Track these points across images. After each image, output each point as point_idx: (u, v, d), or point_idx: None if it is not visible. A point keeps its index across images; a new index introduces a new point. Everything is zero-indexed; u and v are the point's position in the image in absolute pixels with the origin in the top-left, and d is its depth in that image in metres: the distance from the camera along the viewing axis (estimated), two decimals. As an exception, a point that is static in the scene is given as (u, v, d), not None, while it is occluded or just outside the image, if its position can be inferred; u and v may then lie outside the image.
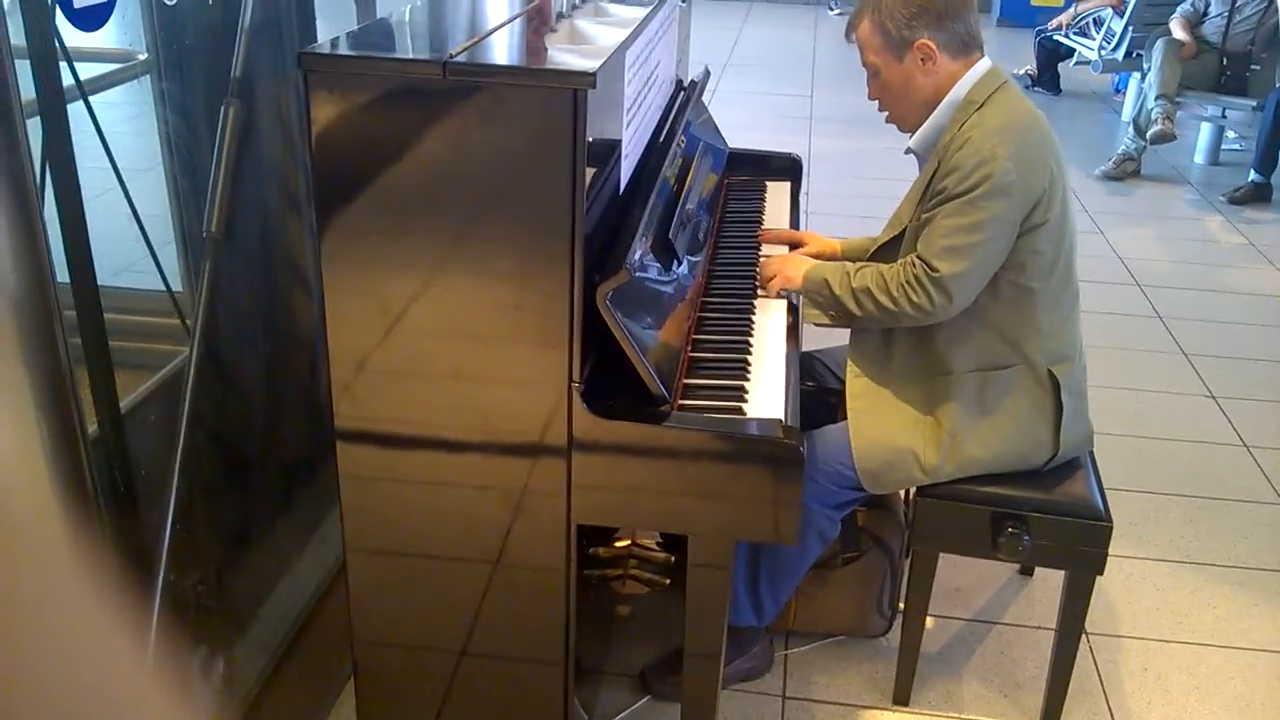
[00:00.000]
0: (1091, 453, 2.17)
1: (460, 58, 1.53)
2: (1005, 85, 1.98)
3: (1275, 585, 2.69)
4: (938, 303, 1.90)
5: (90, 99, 1.69)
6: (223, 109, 1.94)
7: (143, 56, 1.86)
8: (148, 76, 1.88)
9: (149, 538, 1.75)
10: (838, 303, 2.01)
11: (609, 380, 1.67)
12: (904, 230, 2.02)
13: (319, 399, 2.29)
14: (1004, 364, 2.01)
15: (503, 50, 1.74)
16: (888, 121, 2.11)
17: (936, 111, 2.00)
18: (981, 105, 1.94)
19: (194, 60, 1.93)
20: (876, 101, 2.08)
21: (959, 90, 1.98)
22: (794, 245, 2.40)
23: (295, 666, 2.13)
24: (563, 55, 1.69)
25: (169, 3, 1.79)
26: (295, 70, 2.16)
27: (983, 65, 2.00)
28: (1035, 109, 2.01)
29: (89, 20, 1.57)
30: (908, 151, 2.11)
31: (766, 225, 2.52)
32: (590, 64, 1.52)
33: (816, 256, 2.36)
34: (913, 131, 2.05)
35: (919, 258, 1.92)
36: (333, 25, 2.37)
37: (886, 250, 2.06)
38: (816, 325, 2.07)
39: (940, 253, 1.89)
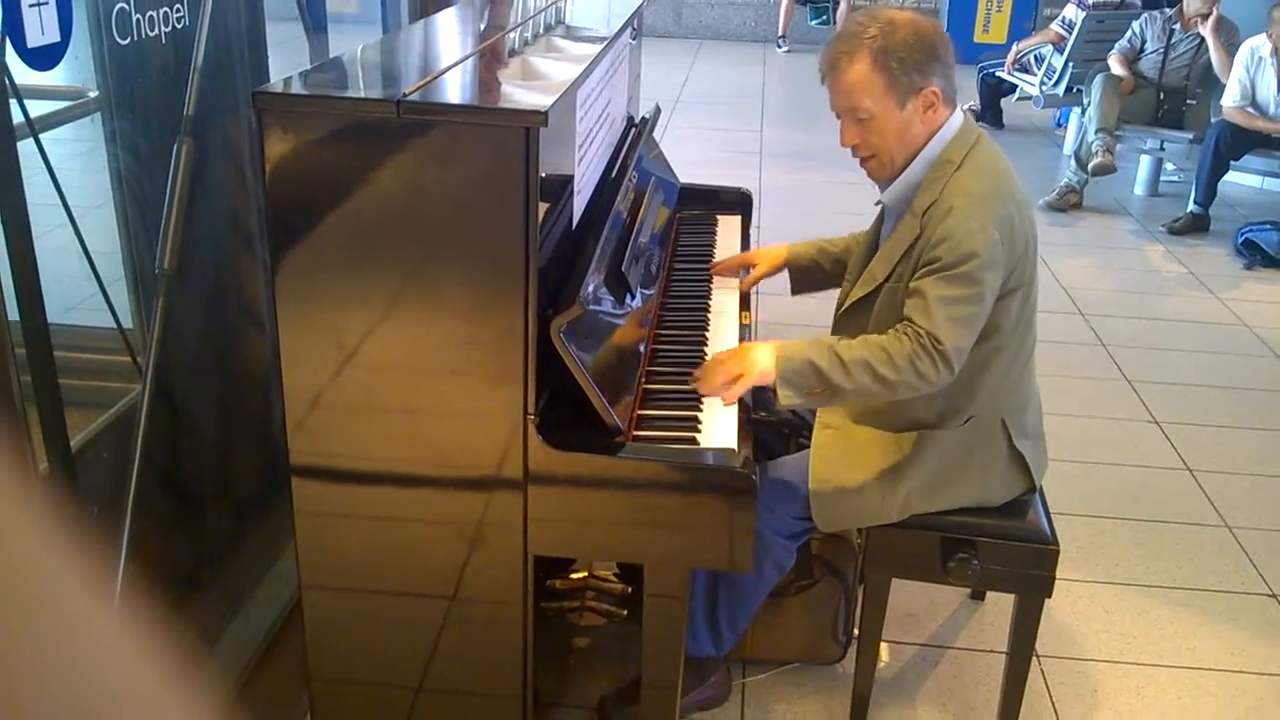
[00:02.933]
0: (1038, 479, 2.22)
1: (413, 96, 1.55)
2: (979, 142, 1.97)
3: (1219, 605, 2.74)
4: (941, 374, 1.86)
5: (40, 136, 1.69)
6: (175, 147, 1.94)
7: (93, 94, 1.86)
8: (98, 114, 1.88)
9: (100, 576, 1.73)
10: (823, 379, 1.84)
11: (564, 413, 1.69)
12: (878, 288, 1.99)
13: (273, 435, 2.29)
14: (963, 416, 2.02)
15: (456, 88, 1.76)
16: (864, 166, 2.02)
17: (911, 168, 1.96)
18: (959, 166, 1.92)
19: (146, 98, 1.94)
20: (852, 147, 1.99)
21: (934, 147, 1.94)
22: (747, 266, 2.45)
23: (249, 705, 2.11)
24: (515, 92, 1.72)
25: (121, 42, 1.80)
26: (248, 108, 2.17)
27: (957, 119, 1.98)
28: (1007, 165, 1.99)
29: (42, 59, 1.57)
30: (878, 204, 2.09)
31: (718, 257, 2.56)
32: (542, 101, 1.54)
33: (768, 274, 2.42)
34: (886, 178, 2.01)
35: (922, 330, 1.84)
36: (286, 64, 2.38)
37: (859, 306, 2.04)
38: (785, 406, 1.90)
39: (943, 324, 1.84)
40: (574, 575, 2.37)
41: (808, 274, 2.41)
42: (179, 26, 1.94)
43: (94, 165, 1.94)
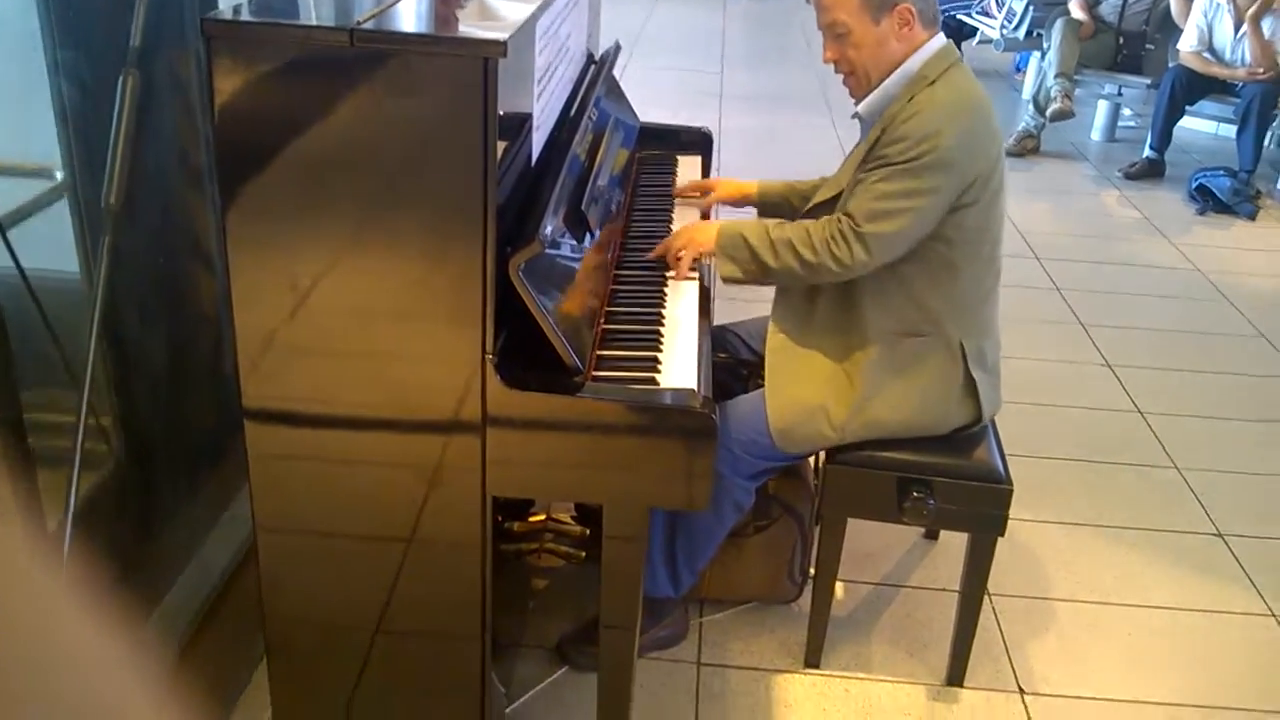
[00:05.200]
0: (993, 419, 2.24)
1: (368, 25, 1.51)
2: (957, 64, 2.01)
3: (1169, 544, 2.80)
4: (857, 257, 1.93)
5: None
6: (120, 79, 1.88)
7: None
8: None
9: (51, 524, 1.70)
10: (754, 256, 2.01)
11: (522, 353, 1.67)
12: (841, 192, 2.04)
13: (226, 377, 2.25)
14: (920, 333, 2.05)
15: (411, 19, 1.71)
16: (845, 83, 2.09)
17: (889, 80, 2.01)
18: (934, 81, 1.96)
19: (90, 28, 1.87)
20: (833, 63, 2.06)
21: (913, 63, 1.99)
22: (706, 192, 2.48)
23: (205, 648, 2.09)
24: (473, 24, 1.68)
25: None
26: (196, 39, 2.11)
27: (938, 41, 2.02)
28: (984, 92, 2.03)
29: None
30: (854, 116, 2.11)
31: (678, 198, 2.54)
32: (501, 33, 1.51)
33: (731, 199, 2.45)
34: (863, 93, 2.06)
35: (846, 214, 1.95)
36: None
37: (821, 210, 2.08)
38: (727, 282, 2.07)
39: (869, 212, 1.92)
40: (532, 518, 2.37)
41: (776, 210, 2.41)
42: (121, -47, 1.87)
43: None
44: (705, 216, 2.49)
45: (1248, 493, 3.05)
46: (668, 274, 2.11)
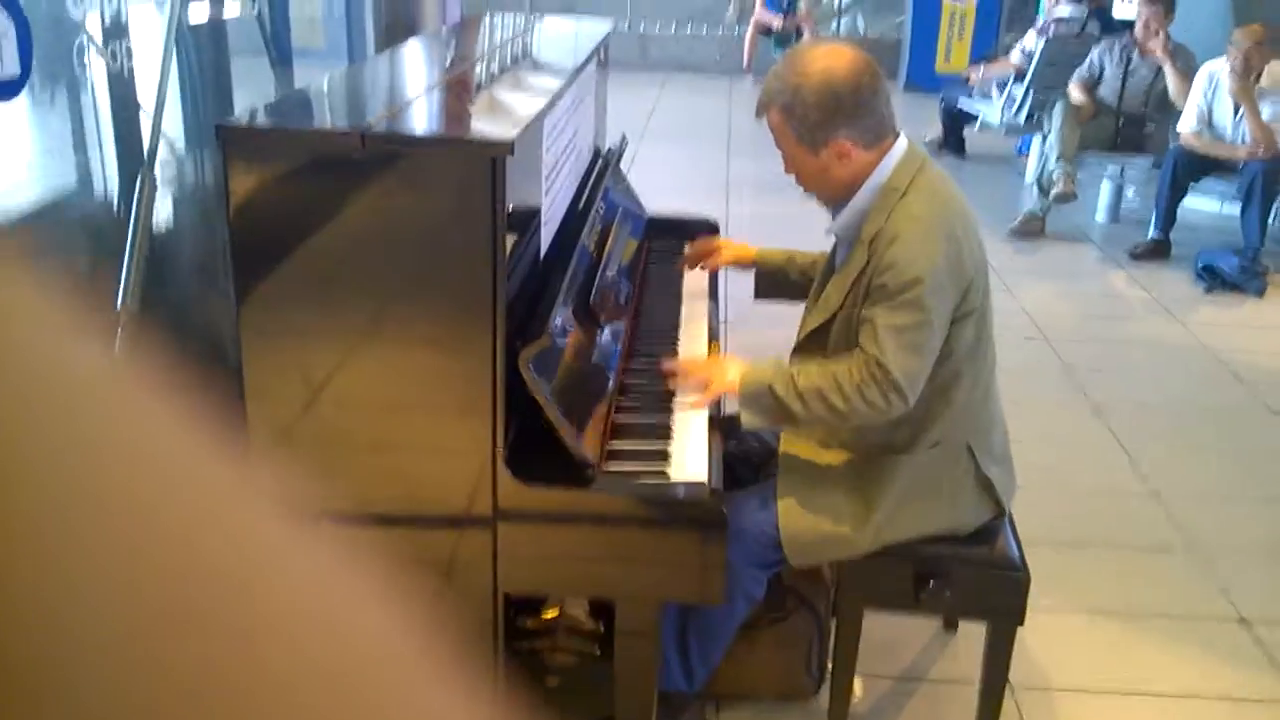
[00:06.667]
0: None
1: (378, 127, 1.53)
2: (924, 167, 1.99)
3: (1190, 631, 2.75)
4: (894, 403, 1.88)
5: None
6: (138, 180, 1.92)
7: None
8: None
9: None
10: (780, 405, 1.92)
11: (534, 446, 1.67)
12: (833, 316, 2.01)
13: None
14: (929, 443, 2.03)
15: (421, 119, 1.75)
16: (806, 193, 2.09)
17: (858, 196, 1.98)
18: (905, 193, 1.94)
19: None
20: (794, 176, 2.06)
21: (878, 176, 1.97)
22: (710, 253, 2.53)
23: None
24: (481, 123, 1.71)
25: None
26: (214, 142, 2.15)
27: (900, 147, 1.99)
28: (954, 189, 2.02)
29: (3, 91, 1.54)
30: (829, 233, 2.10)
31: (686, 289, 2.56)
32: (509, 131, 1.54)
33: (734, 263, 2.47)
34: (830, 205, 2.05)
35: (871, 358, 1.88)
36: (252, 99, 2.36)
37: (816, 335, 2.05)
38: (748, 429, 2.01)
39: (891, 352, 1.86)
40: (546, 614, 2.34)
41: (773, 279, 2.42)
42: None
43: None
44: (712, 277, 2.55)
45: (1269, 575, 3.00)
46: (675, 399, 2.07)
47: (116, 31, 2.23)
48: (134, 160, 1.95)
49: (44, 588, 0.19)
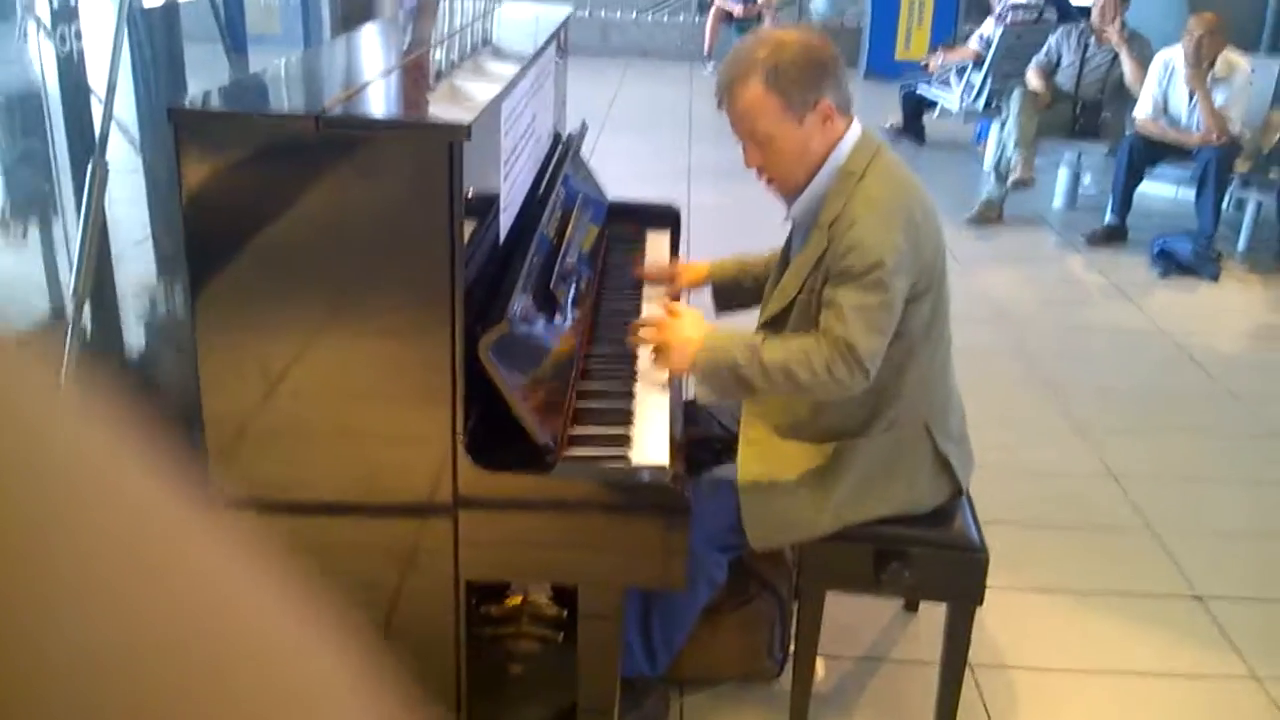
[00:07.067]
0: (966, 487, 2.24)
1: (334, 110, 1.52)
2: (880, 151, 2.00)
3: (1148, 609, 2.79)
4: (856, 378, 1.90)
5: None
6: (89, 167, 1.89)
7: None
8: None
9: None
10: (739, 380, 1.92)
11: (494, 433, 1.66)
12: (792, 302, 2.01)
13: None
14: (886, 423, 2.04)
15: (378, 103, 1.73)
16: (768, 186, 2.06)
17: (816, 180, 1.98)
18: (862, 176, 1.94)
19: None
20: (757, 168, 2.02)
21: (836, 158, 1.97)
22: (670, 278, 2.49)
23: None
24: (438, 107, 1.70)
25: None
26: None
27: (855, 130, 2.00)
28: (910, 174, 2.03)
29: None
30: (787, 220, 2.10)
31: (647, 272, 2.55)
32: (466, 115, 1.52)
33: (690, 285, 2.45)
34: (790, 194, 2.04)
35: (838, 337, 1.88)
36: (206, 85, 2.33)
37: (774, 323, 2.06)
38: (702, 401, 2.03)
39: (858, 331, 1.88)
40: (509, 601, 2.33)
41: (729, 292, 2.42)
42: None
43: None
44: (675, 297, 2.47)
45: (1224, 553, 3.05)
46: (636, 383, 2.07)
47: (65, 14, 2.19)
48: (85, 147, 1.92)
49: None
